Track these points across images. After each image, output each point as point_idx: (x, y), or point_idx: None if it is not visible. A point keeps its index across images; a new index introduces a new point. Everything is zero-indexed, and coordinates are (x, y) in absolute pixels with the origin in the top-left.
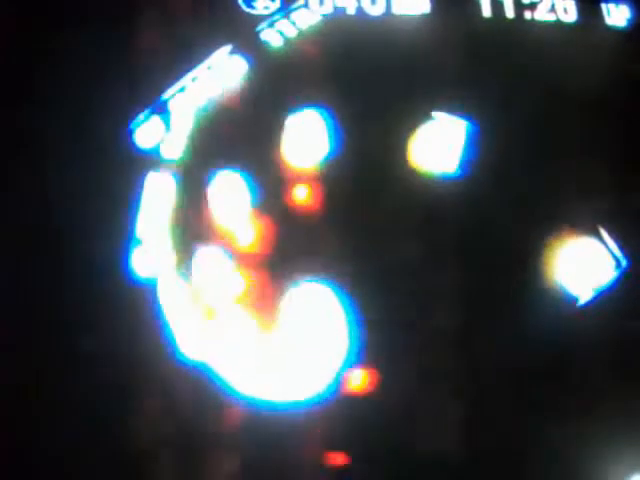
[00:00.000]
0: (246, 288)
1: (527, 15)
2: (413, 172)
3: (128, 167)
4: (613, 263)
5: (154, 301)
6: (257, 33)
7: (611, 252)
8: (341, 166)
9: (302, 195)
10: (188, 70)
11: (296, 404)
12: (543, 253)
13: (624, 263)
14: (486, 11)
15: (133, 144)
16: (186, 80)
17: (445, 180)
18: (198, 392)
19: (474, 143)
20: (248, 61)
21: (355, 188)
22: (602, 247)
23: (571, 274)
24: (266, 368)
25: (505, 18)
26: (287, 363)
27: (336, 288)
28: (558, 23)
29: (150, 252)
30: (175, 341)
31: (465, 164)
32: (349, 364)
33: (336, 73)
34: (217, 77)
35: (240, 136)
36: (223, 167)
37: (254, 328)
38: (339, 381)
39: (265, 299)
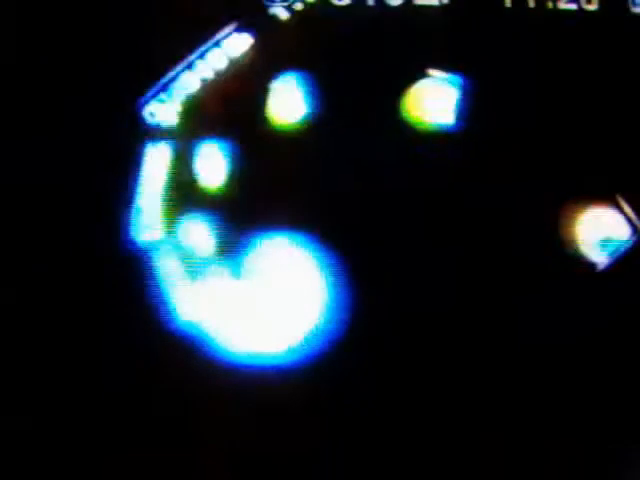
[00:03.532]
0: (229, 247)
1: (549, 4)
2: (407, 126)
3: (135, 139)
4: (630, 230)
5: (152, 265)
6: (265, 8)
7: (628, 219)
8: (328, 123)
9: (287, 151)
10: (196, 47)
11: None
12: (558, 219)
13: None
14: (507, 1)
15: (141, 118)
16: (194, 56)
17: (444, 136)
18: (194, 349)
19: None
20: (254, 36)
21: (343, 143)
22: (619, 213)
23: (587, 240)
24: (253, 322)
25: (526, 8)
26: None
27: (322, 245)
28: (580, 12)
29: (148, 219)
30: (171, 303)
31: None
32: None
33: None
34: (224, 53)
35: (236, 108)
36: (213, 137)
37: (237, 284)
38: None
39: (245, 254)
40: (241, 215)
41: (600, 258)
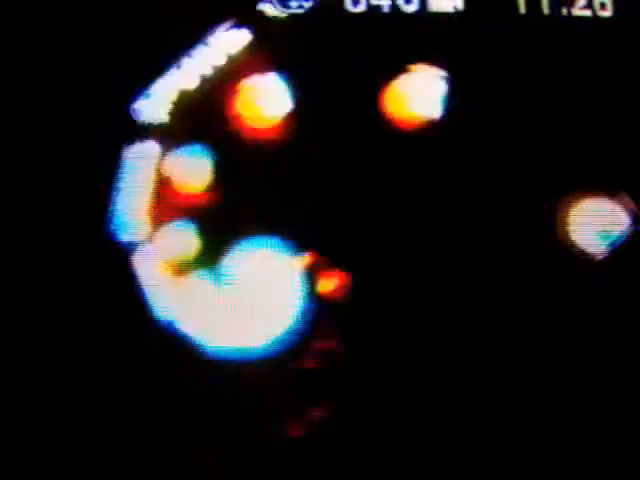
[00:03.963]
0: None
1: (564, 11)
2: (389, 123)
3: (124, 137)
4: (629, 221)
5: (132, 266)
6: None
7: (627, 210)
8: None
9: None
10: (188, 45)
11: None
12: (557, 210)
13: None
14: (522, 7)
15: (131, 115)
16: (186, 55)
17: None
18: (173, 348)
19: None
20: (250, 34)
21: (334, 143)
22: (618, 205)
23: (586, 232)
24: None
25: (541, 14)
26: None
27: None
28: (594, 18)
29: (131, 219)
30: (150, 302)
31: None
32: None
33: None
34: (217, 51)
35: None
36: (200, 137)
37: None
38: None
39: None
40: (224, 215)
41: (599, 249)
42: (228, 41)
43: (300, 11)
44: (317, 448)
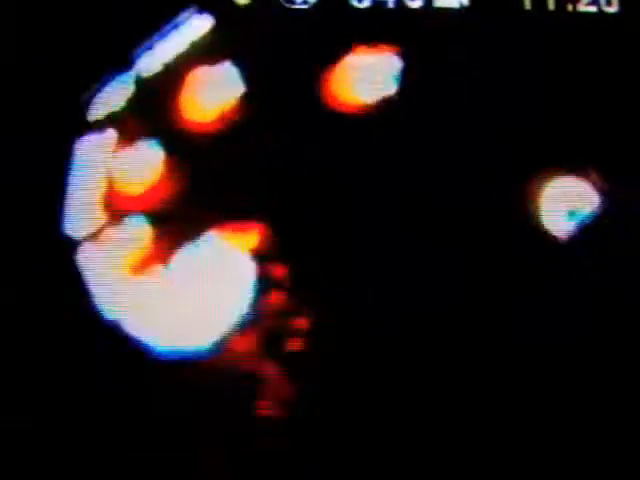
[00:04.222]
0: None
1: (569, 7)
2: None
3: (77, 129)
4: (597, 200)
5: (80, 262)
6: None
7: (595, 189)
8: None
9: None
10: (154, 30)
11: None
12: (524, 188)
13: (608, 200)
14: (527, 3)
15: (94, 105)
16: (152, 40)
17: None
18: (117, 347)
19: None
20: (213, 20)
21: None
22: (586, 183)
23: (554, 210)
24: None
25: (546, 10)
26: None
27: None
28: (600, 14)
29: (80, 214)
30: (95, 299)
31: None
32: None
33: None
34: (182, 37)
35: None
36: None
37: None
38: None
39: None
40: (175, 210)
41: (567, 228)
42: (192, 28)
43: (304, 7)
44: (315, 448)
